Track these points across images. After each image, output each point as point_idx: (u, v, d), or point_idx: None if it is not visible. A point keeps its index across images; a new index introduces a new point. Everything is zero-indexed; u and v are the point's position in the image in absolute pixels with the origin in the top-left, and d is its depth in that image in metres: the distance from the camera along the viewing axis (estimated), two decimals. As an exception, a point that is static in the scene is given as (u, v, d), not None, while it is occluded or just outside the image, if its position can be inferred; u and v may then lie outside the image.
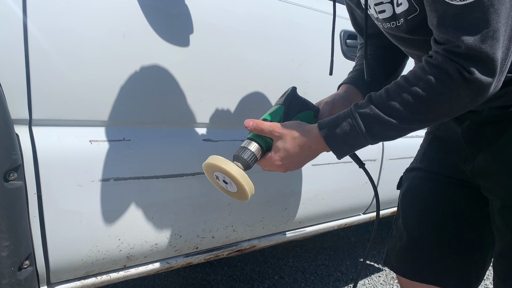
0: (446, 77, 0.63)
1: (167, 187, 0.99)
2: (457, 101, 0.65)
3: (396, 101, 0.68)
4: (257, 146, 0.79)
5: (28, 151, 0.79)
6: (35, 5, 0.77)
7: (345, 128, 0.72)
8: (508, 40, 0.59)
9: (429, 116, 0.68)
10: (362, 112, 0.70)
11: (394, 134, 0.71)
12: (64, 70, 0.82)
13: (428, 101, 0.65)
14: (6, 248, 0.75)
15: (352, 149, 0.76)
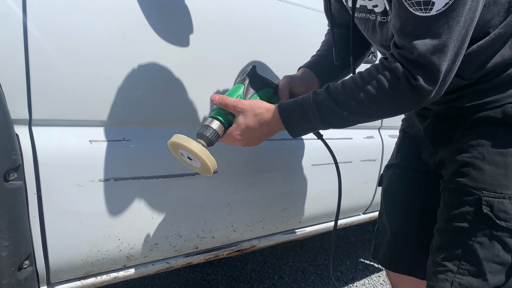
0: (394, 80, 0.69)
1: (167, 187, 0.99)
2: (400, 103, 0.72)
3: (349, 95, 0.74)
4: (218, 124, 0.84)
5: (28, 151, 0.79)
6: (35, 5, 0.77)
7: (301, 113, 0.79)
8: (455, 55, 0.66)
9: (376, 112, 0.76)
10: (318, 101, 0.77)
11: (344, 123, 0.79)
12: (64, 70, 0.82)
13: (376, 99, 0.72)
14: (6, 248, 0.75)
15: (305, 132, 0.83)
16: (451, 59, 0.66)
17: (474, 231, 0.76)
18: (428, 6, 0.62)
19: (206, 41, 1.03)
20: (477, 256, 0.75)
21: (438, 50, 0.64)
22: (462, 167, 0.80)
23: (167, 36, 0.96)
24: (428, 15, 0.63)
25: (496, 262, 0.74)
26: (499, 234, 0.74)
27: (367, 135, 1.56)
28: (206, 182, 1.07)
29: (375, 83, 0.71)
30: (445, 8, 0.62)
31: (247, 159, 1.14)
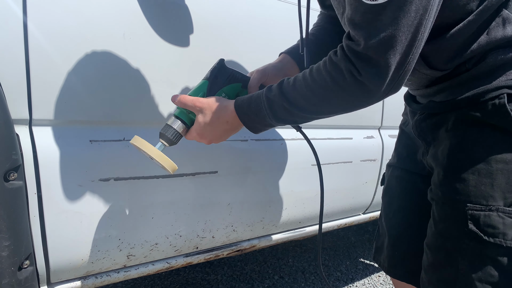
0: (340, 75, 0.65)
1: (167, 187, 0.99)
2: (349, 99, 0.67)
3: (298, 91, 0.71)
4: (180, 123, 0.83)
5: (28, 151, 0.79)
6: (35, 5, 0.77)
7: (256, 109, 0.76)
8: (407, 48, 0.60)
9: (327, 109, 0.72)
10: (270, 97, 0.74)
11: (299, 119, 0.75)
12: (64, 70, 0.82)
13: (324, 96, 0.68)
14: (6, 248, 0.75)
15: (264, 128, 0.80)
16: (402, 52, 0.60)
17: (464, 250, 0.70)
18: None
19: (206, 41, 1.03)
20: (470, 277, 0.69)
21: (385, 43, 0.59)
22: (445, 176, 0.74)
23: (167, 36, 0.96)
24: (375, 3, 0.58)
25: (489, 283, 0.68)
26: (489, 252, 0.67)
27: (367, 135, 1.56)
28: (206, 182, 1.07)
29: (322, 79, 0.67)
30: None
31: (247, 159, 1.14)
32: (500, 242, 0.66)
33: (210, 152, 1.07)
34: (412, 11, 0.57)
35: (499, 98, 0.66)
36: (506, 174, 0.67)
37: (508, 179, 0.67)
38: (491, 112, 0.67)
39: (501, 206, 0.67)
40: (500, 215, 0.67)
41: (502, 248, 0.66)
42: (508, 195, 0.67)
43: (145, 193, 0.96)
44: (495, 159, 0.67)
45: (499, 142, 0.67)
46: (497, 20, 0.65)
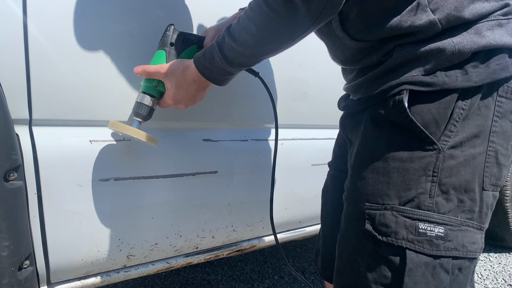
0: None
1: (167, 187, 0.99)
2: (280, 22, 0.63)
3: (241, 25, 0.68)
4: (149, 98, 0.85)
5: (28, 151, 0.79)
6: (35, 5, 0.77)
7: (210, 57, 0.74)
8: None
9: (265, 39, 0.67)
10: (219, 40, 0.72)
11: (247, 60, 0.72)
12: (64, 70, 0.82)
13: (258, 23, 0.65)
14: (6, 248, 0.75)
15: (222, 77, 0.77)
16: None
17: (362, 250, 0.68)
18: None
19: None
20: (367, 280, 0.67)
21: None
22: (351, 175, 0.72)
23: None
24: None
25: (383, 284, 0.65)
26: (382, 252, 0.65)
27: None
28: (206, 182, 1.07)
29: (256, 5, 0.64)
30: None
31: (247, 159, 1.14)
32: (392, 241, 0.64)
33: (210, 152, 1.07)
34: None
35: (399, 94, 0.64)
36: (401, 173, 0.65)
37: (403, 178, 0.65)
38: (391, 109, 0.65)
39: (396, 205, 0.65)
40: (394, 213, 0.65)
41: (393, 248, 0.64)
42: (403, 193, 0.65)
43: (145, 193, 0.96)
44: (392, 157, 0.66)
45: (397, 140, 0.66)
46: (413, 4, 0.62)
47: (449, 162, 0.63)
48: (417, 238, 0.63)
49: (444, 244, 0.63)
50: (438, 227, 0.63)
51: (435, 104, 0.63)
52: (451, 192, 0.64)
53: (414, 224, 0.63)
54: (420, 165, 0.64)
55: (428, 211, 0.63)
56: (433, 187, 0.64)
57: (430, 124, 0.63)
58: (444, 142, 0.63)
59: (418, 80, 0.63)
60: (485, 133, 0.64)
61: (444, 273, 0.63)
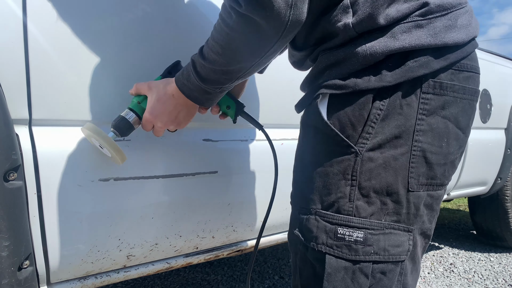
0: (226, 15, 0.61)
1: (167, 187, 0.99)
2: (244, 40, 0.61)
3: (208, 44, 0.67)
4: (132, 114, 0.83)
5: (28, 151, 0.79)
6: (35, 5, 0.77)
7: (187, 75, 0.72)
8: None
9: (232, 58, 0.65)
10: (193, 58, 0.71)
11: (218, 78, 0.69)
12: (64, 70, 0.82)
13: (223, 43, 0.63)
14: (6, 248, 0.75)
15: (200, 95, 0.74)
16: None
17: (297, 254, 0.70)
18: None
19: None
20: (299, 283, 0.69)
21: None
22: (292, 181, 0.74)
23: (167, 36, 0.96)
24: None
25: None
26: (309, 256, 0.66)
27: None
28: (206, 182, 1.07)
29: (218, 25, 0.63)
30: None
31: (247, 159, 1.14)
32: (313, 246, 0.64)
33: (210, 152, 1.07)
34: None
35: (316, 99, 0.65)
36: (322, 177, 0.65)
37: (324, 182, 0.65)
38: (312, 114, 0.66)
39: (319, 209, 0.65)
40: (317, 218, 0.65)
41: (315, 252, 0.65)
42: (325, 198, 0.65)
43: (145, 193, 0.96)
44: (315, 161, 0.66)
45: (319, 144, 0.66)
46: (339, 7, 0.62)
47: (368, 164, 0.62)
48: (336, 243, 0.63)
49: (364, 248, 0.62)
50: (357, 231, 0.62)
51: (351, 106, 0.62)
52: (372, 195, 0.63)
53: (333, 228, 0.63)
54: (338, 169, 0.63)
55: (348, 216, 0.63)
56: (352, 191, 0.63)
57: (347, 127, 0.63)
58: (362, 144, 0.62)
59: (333, 83, 0.63)
60: (408, 133, 0.62)
61: (364, 278, 0.63)
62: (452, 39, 0.61)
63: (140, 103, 0.84)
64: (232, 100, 0.91)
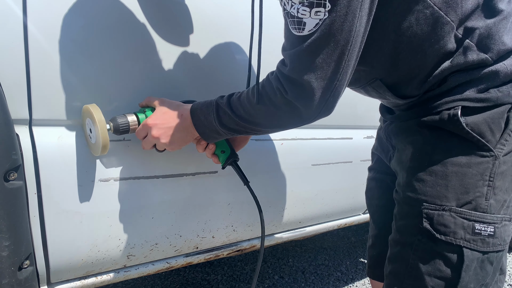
0: (271, 92, 0.70)
1: (167, 187, 0.99)
2: (280, 116, 0.72)
3: (241, 102, 0.76)
4: (134, 119, 0.86)
5: (28, 151, 0.79)
6: (35, 5, 0.77)
7: (206, 111, 0.80)
8: (331, 75, 0.65)
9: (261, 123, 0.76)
10: (218, 103, 0.79)
11: (238, 128, 0.79)
12: (64, 70, 0.82)
13: (258, 110, 0.73)
14: (6, 248, 0.75)
15: (211, 133, 0.82)
16: (326, 78, 0.65)
17: (416, 245, 0.75)
18: (301, 26, 0.63)
19: (206, 41, 1.03)
20: (419, 271, 0.74)
21: (307, 68, 0.64)
22: (406, 177, 0.78)
23: (167, 36, 0.96)
24: (301, 35, 0.64)
25: (438, 277, 0.72)
26: (439, 249, 0.72)
27: (367, 135, 1.56)
28: (206, 182, 1.07)
29: (258, 94, 0.73)
30: (315, 29, 0.62)
31: (247, 159, 1.14)
32: (451, 240, 0.71)
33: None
34: (332, 42, 0.62)
35: (454, 109, 0.71)
36: (460, 177, 0.71)
37: (461, 181, 0.71)
38: (447, 121, 0.72)
39: (453, 207, 0.71)
40: (452, 215, 0.71)
41: (451, 246, 0.71)
42: (461, 196, 0.71)
43: (145, 193, 0.96)
44: (450, 162, 0.72)
45: (455, 147, 0.72)
46: (459, 50, 0.70)
47: (502, 167, 0.72)
48: (473, 238, 0.71)
49: (493, 241, 0.71)
50: (489, 226, 0.71)
51: (490, 115, 0.70)
52: (499, 194, 0.72)
53: (471, 225, 0.71)
54: (477, 170, 0.71)
55: (483, 213, 0.71)
56: (489, 191, 0.71)
57: (486, 133, 0.70)
58: (500, 149, 0.71)
59: (473, 97, 0.71)
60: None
61: (489, 265, 0.73)
62: None
63: (145, 112, 0.86)
64: (229, 148, 0.94)
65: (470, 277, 0.71)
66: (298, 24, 0.64)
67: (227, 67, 1.08)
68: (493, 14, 0.70)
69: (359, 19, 0.62)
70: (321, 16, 0.61)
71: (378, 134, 1.05)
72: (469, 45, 0.70)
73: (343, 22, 0.61)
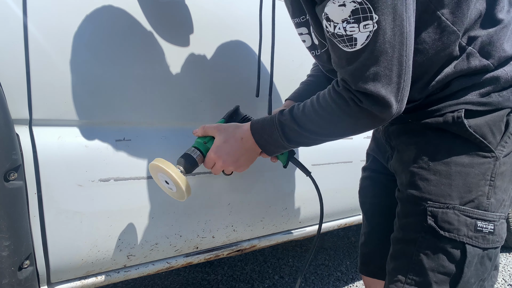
0: (344, 103, 0.72)
1: (167, 187, 0.99)
2: (357, 123, 0.74)
3: (307, 116, 0.77)
4: (198, 152, 0.88)
5: (28, 151, 0.79)
6: (35, 5, 0.77)
7: (269, 131, 0.82)
8: (397, 78, 0.67)
9: (336, 132, 0.78)
10: (282, 121, 0.81)
11: (308, 141, 0.82)
12: (64, 70, 0.82)
13: (332, 121, 0.75)
14: (7, 248, 0.75)
15: (276, 149, 0.85)
16: (392, 82, 0.67)
17: (420, 241, 0.77)
18: (352, 42, 0.66)
19: (206, 41, 1.03)
20: (423, 266, 0.76)
21: (371, 80, 0.66)
22: (410, 177, 0.80)
23: (167, 36, 0.96)
24: (355, 50, 0.66)
25: (441, 273, 0.75)
26: (443, 245, 0.74)
27: (367, 135, 1.56)
28: (206, 182, 1.07)
29: (328, 106, 0.74)
30: (368, 41, 0.64)
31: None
32: (454, 237, 0.74)
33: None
34: (388, 48, 0.64)
35: (458, 112, 0.74)
36: (463, 176, 0.74)
37: (464, 181, 0.74)
38: (451, 123, 0.75)
39: (457, 205, 0.74)
40: (456, 212, 0.74)
41: (455, 242, 0.74)
42: (464, 195, 0.74)
43: (145, 193, 0.96)
44: (454, 162, 0.75)
45: (458, 147, 0.75)
46: (463, 56, 0.73)
47: (502, 168, 0.75)
48: (475, 235, 0.74)
49: (492, 237, 0.75)
50: (490, 224, 0.74)
51: (491, 118, 0.74)
52: (499, 193, 0.75)
53: (473, 222, 0.74)
54: (480, 170, 0.74)
55: (485, 211, 0.74)
56: (490, 190, 0.74)
57: (488, 135, 0.73)
58: (500, 151, 0.74)
59: (476, 101, 0.74)
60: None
61: (488, 261, 0.76)
62: None
63: (206, 143, 0.89)
64: None
65: (472, 272, 0.74)
66: (349, 41, 0.66)
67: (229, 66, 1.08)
68: (494, 23, 0.73)
69: (407, 20, 0.64)
70: (370, 28, 0.63)
71: (374, 135, 1.07)
72: (472, 52, 0.73)
73: (393, 27, 0.63)
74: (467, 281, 0.74)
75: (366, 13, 0.62)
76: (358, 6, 0.62)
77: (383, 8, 0.61)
